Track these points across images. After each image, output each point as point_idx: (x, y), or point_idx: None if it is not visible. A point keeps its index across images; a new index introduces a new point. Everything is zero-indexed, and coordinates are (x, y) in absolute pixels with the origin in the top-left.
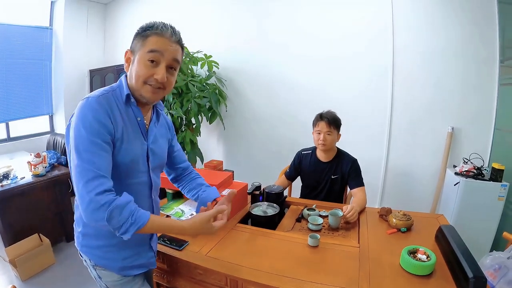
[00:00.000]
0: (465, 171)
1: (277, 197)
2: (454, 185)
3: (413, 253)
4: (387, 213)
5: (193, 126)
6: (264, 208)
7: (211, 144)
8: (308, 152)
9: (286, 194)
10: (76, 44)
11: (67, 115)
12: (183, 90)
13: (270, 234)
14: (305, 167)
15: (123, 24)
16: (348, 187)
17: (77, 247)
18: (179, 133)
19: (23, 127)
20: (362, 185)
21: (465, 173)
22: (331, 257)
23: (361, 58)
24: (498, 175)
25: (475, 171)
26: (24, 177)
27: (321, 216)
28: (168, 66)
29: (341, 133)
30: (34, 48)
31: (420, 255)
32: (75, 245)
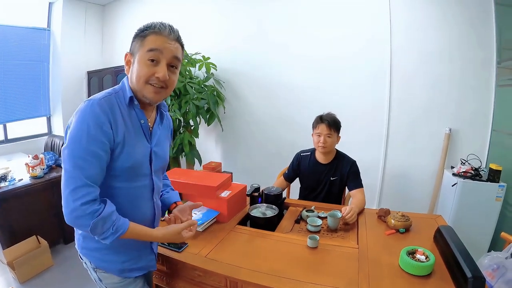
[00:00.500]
0: (462, 172)
1: (276, 198)
2: (452, 186)
3: (412, 253)
4: (385, 214)
5: (191, 127)
6: (263, 209)
7: (209, 146)
8: (307, 153)
9: (284, 195)
10: (74, 46)
11: (64, 116)
12: (181, 91)
13: (269, 235)
14: (304, 168)
15: (121, 26)
16: (346, 188)
17: (77, 249)
18: (178, 135)
19: (20, 128)
20: (361, 187)
21: (462, 174)
22: (330, 258)
23: (358, 59)
24: (495, 175)
25: (472, 172)
26: (22, 179)
27: (320, 217)
28: (169, 64)
29: (339, 134)
30: (32, 50)
31: (419, 255)
32: (75, 247)
